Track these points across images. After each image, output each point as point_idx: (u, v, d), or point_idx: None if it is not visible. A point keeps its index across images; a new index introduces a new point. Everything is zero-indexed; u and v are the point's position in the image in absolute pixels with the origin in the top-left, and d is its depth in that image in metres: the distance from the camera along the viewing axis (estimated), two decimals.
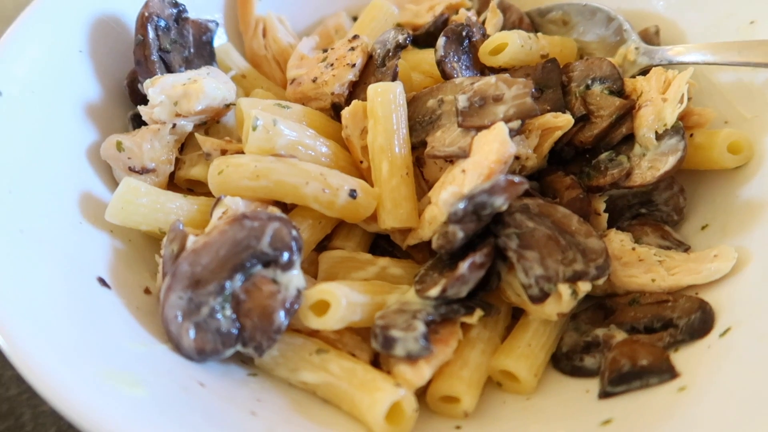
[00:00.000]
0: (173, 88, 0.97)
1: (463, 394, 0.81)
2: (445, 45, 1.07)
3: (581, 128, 1.00)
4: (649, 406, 0.74)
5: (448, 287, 0.82)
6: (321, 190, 0.91)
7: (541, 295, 0.83)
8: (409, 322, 0.81)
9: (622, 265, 0.92)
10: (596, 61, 1.04)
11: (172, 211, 0.91)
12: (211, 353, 0.79)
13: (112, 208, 0.89)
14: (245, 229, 0.82)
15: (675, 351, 0.81)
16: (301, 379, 0.82)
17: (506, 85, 0.96)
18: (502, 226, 0.87)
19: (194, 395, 0.72)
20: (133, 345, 0.75)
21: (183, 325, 0.78)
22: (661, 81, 0.97)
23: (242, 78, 1.21)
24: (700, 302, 0.84)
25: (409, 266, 0.96)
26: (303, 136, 0.96)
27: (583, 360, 0.86)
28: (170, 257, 0.83)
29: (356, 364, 0.82)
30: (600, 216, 0.98)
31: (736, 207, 0.95)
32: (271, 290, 0.82)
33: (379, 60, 1.06)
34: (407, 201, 0.94)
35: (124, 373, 0.67)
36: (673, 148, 0.93)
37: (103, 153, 0.97)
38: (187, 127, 1.00)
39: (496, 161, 0.87)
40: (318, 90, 1.07)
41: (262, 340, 0.80)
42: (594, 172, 0.99)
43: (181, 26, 1.08)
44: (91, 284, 0.80)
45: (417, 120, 1.01)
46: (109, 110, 1.05)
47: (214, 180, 0.91)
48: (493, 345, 0.88)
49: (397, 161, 0.95)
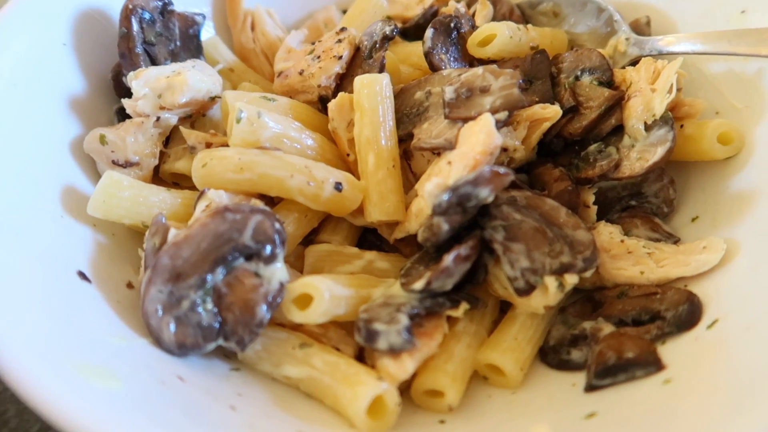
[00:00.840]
0: (157, 80, 0.96)
1: (448, 388, 0.80)
2: (432, 37, 1.05)
3: (570, 120, 0.99)
4: (633, 399, 0.72)
5: (433, 280, 0.81)
6: (306, 183, 0.90)
7: (527, 288, 0.82)
8: (392, 315, 0.80)
9: (610, 258, 0.91)
10: (585, 52, 1.03)
11: (155, 204, 0.91)
12: (191, 347, 0.78)
13: (94, 202, 0.88)
14: (227, 221, 0.81)
15: (662, 343, 0.80)
16: (284, 374, 0.82)
17: (493, 76, 0.95)
18: (489, 219, 0.86)
19: (172, 390, 0.71)
20: (112, 339, 0.74)
21: (163, 319, 0.77)
22: (651, 71, 0.96)
23: (230, 71, 1.20)
24: (688, 294, 0.83)
25: (396, 260, 0.95)
26: (288, 128, 0.95)
27: (570, 353, 0.85)
28: (152, 251, 0.82)
29: (339, 358, 0.81)
30: (589, 208, 0.97)
31: (727, 198, 0.94)
32: (254, 284, 0.81)
33: (366, 52, 1.05)
34: (394, 194, 0.93)
35: (99, 367, 0.66)
36: (662, 138, 0.92)
37: (87, 146, 0.96)
38: (172, 120, 0.99)
39: (481, 152, 0.86)
40: (305, 83, 1.06)
41: (243, 334, 0.80)
42: (583, 163, 0.98)
43: (166, 19, 1.07)
44: (70, 278, 0.79)
45: (404, 112, 1.00)
46: (94, 103, 1.04)
47: (198, 173, 0.90)
48: (480, 338, 0.87)
49: (383, 154, 0.94)
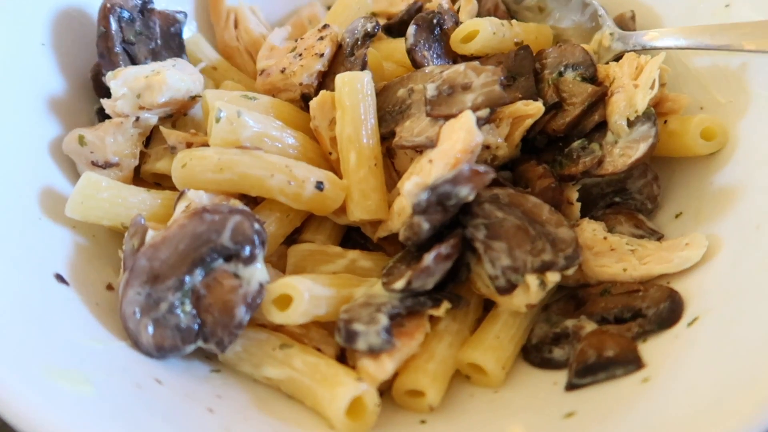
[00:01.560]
0: (136, 80, 0.95)
1: (428, 388, 0.79)
2: (415, 33, 1.04)
3: (554, 116, 0.98)
4: (611, 398, 0.72)
5: (414, 279, 0.81)
6: (287, 183, 0.89)
7: (507, 287, 0.82)
8: (372, 315, 0.80)
9: (593, 255, 0.90)
10: (569, 47, 1.02)
11: (134, 205, 0.90)
12: (170, 349, 0.78)
13: (72, 203, 0.87)
14: (205, 222, 0.80)
15: (643, 341, 0.80)
16: (265, 375, 0.81)
17: (475, 73, 0.94)
18: (471, 217, 0.85)
19: (148, 393, 0.70)
20: (88, 342, 0.73)
21: (141, 321, 0.77)
22: (634, 67, 0.95)
23: (213, 70, 1.19)
24: (669, 291, 0.82)
25: (379, 259, 0.94)
26: (269, 127, 0.94)
27: (553, 352, 0.84)
28: (131, 252, 0.82)
29: (319, 359, 0.81)
30: (573, 205, 0.97)
31: (710, 194, 0.93)
32: (233, 285, 0.80)
33: (348, 49, 1.04)
34: (376, 192, 0.93)
35: (70, 371, 0.65)
36: (645, 134, 0.91)
37: (65, 147, 0.95)
38: (152, 120, 0.98)
39: (462, 150, 0.85)
40: (287, 81, 1.05)
41: (223, 335, 0.79)
42: (566, 160, 0.97)
43: (146, 18, 1.06)
44: (47, 280, 0.79)
45: (387, 110, 0.99)
46: (74, 104, 1.03)
47: (178, 173, 0.90)
48: (462, 337, 0.86)
49: (365, 152, 0.93)
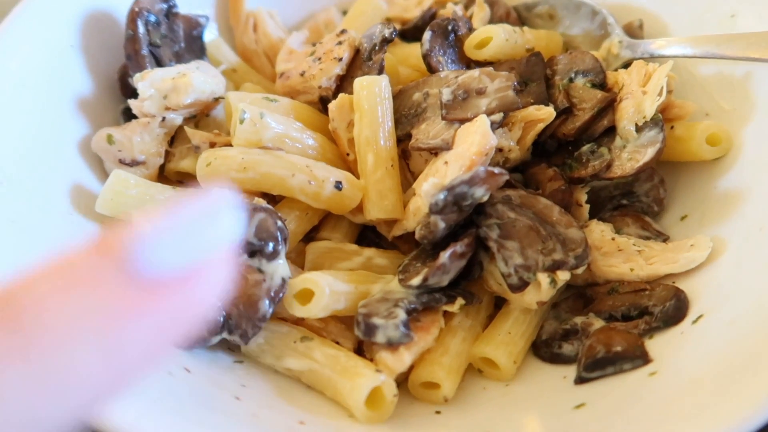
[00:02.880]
0: (162, 82, 0.98)
1: (443, 380, 0.83)
2: (430, 39, 1.08)
3: (564, 121, 1.02)
4: (620, 390, 0.75)
5: (430, 276, 0.84)
6: (307, 182, 0.92)
7: (520, 284, 0.85)
8: (390, 310, 0.83)
9: (602, 255, 0.94)
10: (579, 54, 1.06)
11: (161, 202, 0.93)
12: (197, 340, 0.81)
13: (102, 200, 0.90)
14: None
15: (650, 338, 0.83)
16: (286, 366, 0.84)
17: (489, 78, 0.98)
18: (484, 217, 0.89)
19: (180, 380, 0.74)
20: None
21: None
22: (642, 74, 0.98)
23: (233, 72, 1.22)
24: (675, 290, 0.86)
25: (394, 257, 0.98)
26: (290, 128, 0.98)
27: (562, 347, 0.88)
28: None
29: (339, 351, 0.84)
30: (582, 207, 1.00)
31: (714, 198, 0.96)
32: (257, 279, 0.84)
33: (365, 54, 1.07)
34: (392, 192, 0.96)
35: None
36: (653, 140, 0.94)
37: (94, 146, 0.99)
38: (177, 121, 1.01)
39: (477, 153, 0.89)
40: (306, 84, 1.09)
41: (247, 328, 0.83)
42: (576, 164, 1.01)
43: (171, 21, 1.10)
44: None
45: (403, 113, 1.03)
46: (101, 104, 1.07)
47: (202, 172, 0.93)
48: (475, 333, 0.90)
49: (382, 153, 0.97)
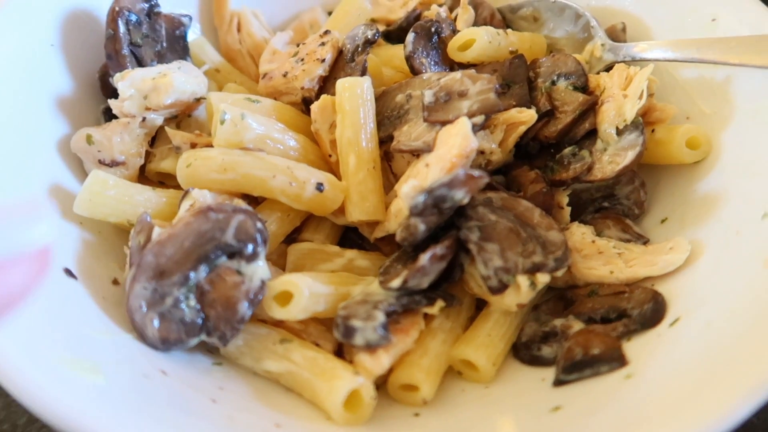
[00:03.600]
0: (143, 82, 0.98)
1: (422, 383, 0.83)
2: (414, 41, 1.08)
3: (546, 123, 1.02)
4: (596, 392, 0.76)
5: (410, 278, 0.84)
6: (288, 183, 0.92)
7: (499, 287, 0.85)
8: (369, 312, 0.83)
9: (582, 258, 0.94)
10: (562, 57, 1.06)
11: (140, 203, 0.93)
12: (175, 342, 0.81)
13: (80, 200, 0.90)
14: (210, 221, 0.83)
15: (628, 340, 0.83)
16: (265, 368, 0.84)
17: (471, 80, 0.98)
18: (465, 219, 0.89)
19: (155, 383, 0.73)
20: (97, 334, 0.76)
21: (147, 315, 0.80)
22: (623, 77, 0.99)
23: (216, 72, 1.22)
24: (653, 293, 0.86)
25: (376, 258, 0.98)
26: (271, 129, 0.97)
27: (541, 349, 0.88)
28: (137, 249, 0.85)
29: (318, 354, 0.84)
30: (563, 209, 1.00)
31: (694, 201, 0.97)
32: (235, 281, 0.83)
33: (348, 55, 1.07)
34: (374, 194, 0.96)
35: (84, 361, 0.68)
36: (633, 143, 0.95)
37: (73, 146, 0.98)
38: (157, 121, 1.01)
39: (458, 155, 0.88)
40: (289, 84, 1.09)
41: (225, 330, 0.82)
42: (557, 166, 1.01)
43: (153, 21, 1.09)
44: (56, 274, 0.82)
45: (386, 115, 1.02)
46: (81, 104, 1.06)
47: (183, 173, 0.93)
48: (455, 335, 0.90)
49: (364, 155, 0.97)
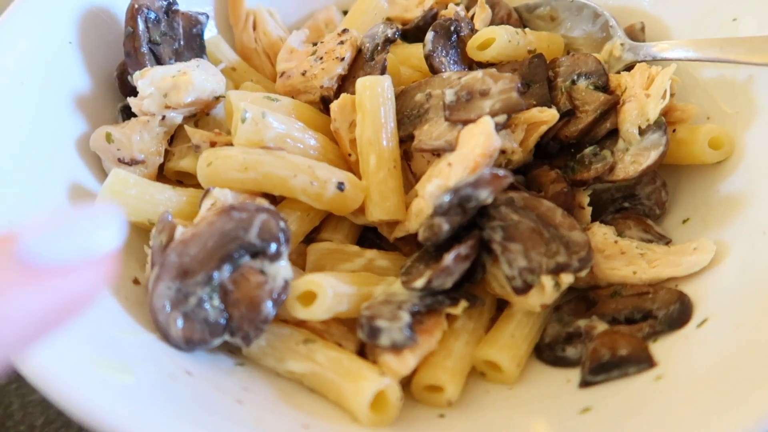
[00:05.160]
0: (162, 80, 0.97)
1: (447, 384, 0.82)
2: (433, 40, 1.07)
3: (566, 123, 1.02)
4: (626, 394, 0.75)
5: (434, 278, 0.84)
6: (309, 183, 0.92)
7: (524, 287, 0.85)
8: (394, 312, 0.83)
9: (604, 258, 0.94)
10: (582, 56, 1.05)
11: (160, 202, 0.92)
12: (198, 342, 0.80)
13: (101, 199, 0.89)
14: (233, 220, 0.83)
15: (654, 341, 0.83)
16: (288, 369, 0.84)
17: (492, 79, 0.97)
18: (488, 219, 0.88)
19: (181, 383, 0.73)
20: (122, 334, 0.76)
21: (171, 315, 0.79)
22: (645, 77, 0.98)
23: (232, 71, 1.21)
24: (679, 294, 0.85)
25: (396, 258, 0.97)
26: (292, 128, 0.97)
27: (565, 350, 0.87)
28: (159, 248, 0.84)
29: (342, 354, 0.83)
30: (584, 209, 1.00)
31: (717, 201, 0.96)
32: (259, 281, 0.83)
33: (368, 54, 1.07)
34: (394, 194, 0.96)
35: (113, 361, 0.68)
36: (656, 143, 0.94)
37: (93, 144, 0.98)
38: (177, 119, 1.00)
39: (481, 155, 0.88)
40: (307, 83, 1.08)
41: (249, 329, 0.82)
42: (578, 166, 1.00)
43: (171, 18, 1.09)
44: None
45: (405, 114, 1.02)
46: (99, 101, 1.06)
47: (203, 172, 0.92)
48: (478, 335, 0.89)
49: (384, 154, 0.96)
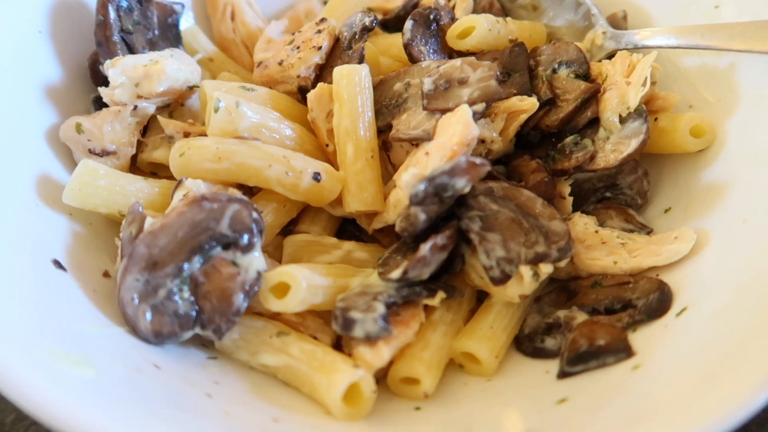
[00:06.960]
0: (134, 69, 0.95)
1: (423, 376, 0.81)
2: (412, 28, 1.06)
3: (547, 112, 1.00)
4: (602, 384, 0.74)
5: (410, 269, 0.82)
6: (284, 173, 0.90)
7: (502, 277, 0.83)
8: (369, 303, 0.81)
9: (585, 248, 0.92)
10: (563, 45, 1.04)
11: (131, 193, 0.90)
12: (168, 336, 0.78)
13: (70, 190, 0.87)
14: (204, 210, 0.81)
15: (633, 331, 0.82)
16: (262, 362, 0.82)
17: (471, 68, 0.96)
18: (466, 209, 0.87)
19: (148, 377, 0.71)
20: (87, 327, 0.74)
21: (139, 308, 0.77)
22: (626, 65, 0.97)
23: (209, 61, 1.19)
24: (659, 283, 0.84)
25: (374, 250, 0.96)
26: (267, 118, 0.95)
27: (544, 341, 0.86)
28: (129, 239, 0.82)
29: (316, 347, 0.82)
30: (565, 199, 0.98)
31: (698, 190, 0.96)
32: (231, 272, 0.81)
33: (345, 43, 1.05)
34: (372, 184, 0.94)
35: (73, 354, 0.66)
36: (636, 131, 0.93)
37: (62, 135, 0.95)
38: (149, 110, 0.98)
39: (458, 143, 0.86)
40: (284, 73, 1.06)
41: (220, 322, 0.80)
42: (559, 155, 0.99)
43: (144, 7, 1.07)
44: (45, 266, 0.79)
45: (384, 103, 1.00)
46: (70, 92, 1.03)
47: (176, 162, 0.90)
48: (456, 327, 0.88)
49: (362, 144, 0.95)
